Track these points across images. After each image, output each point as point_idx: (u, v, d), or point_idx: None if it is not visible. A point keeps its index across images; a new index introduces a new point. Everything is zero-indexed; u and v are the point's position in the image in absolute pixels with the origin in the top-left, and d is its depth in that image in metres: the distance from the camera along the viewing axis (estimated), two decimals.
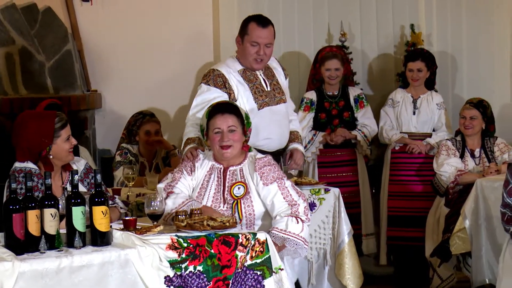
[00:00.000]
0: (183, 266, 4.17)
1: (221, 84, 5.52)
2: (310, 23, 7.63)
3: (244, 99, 5.54)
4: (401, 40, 7.77)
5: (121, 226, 4.33)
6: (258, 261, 4.36)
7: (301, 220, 4.73)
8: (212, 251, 4.23)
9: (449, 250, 6.37)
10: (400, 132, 7.22)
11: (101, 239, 4.10)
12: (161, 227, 4.32)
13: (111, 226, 4.22)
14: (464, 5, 7.81)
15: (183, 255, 4.18)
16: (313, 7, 7.64)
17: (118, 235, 4.21)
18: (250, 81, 5.60)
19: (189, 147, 5.15)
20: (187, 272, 4.18)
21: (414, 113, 7.23)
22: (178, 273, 4.16)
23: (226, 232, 4.30)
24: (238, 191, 4.83)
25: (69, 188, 4.46)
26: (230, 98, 5.48)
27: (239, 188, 4.83)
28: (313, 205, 5.95)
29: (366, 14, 7.73)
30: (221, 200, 4.82)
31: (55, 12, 7.28)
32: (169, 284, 4.14)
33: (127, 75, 7.49)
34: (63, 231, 4.08)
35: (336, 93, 7.18)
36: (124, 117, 7.03)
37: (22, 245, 3.95)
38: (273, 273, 4.37)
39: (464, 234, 6.31)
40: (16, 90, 6.94)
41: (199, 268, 4.21)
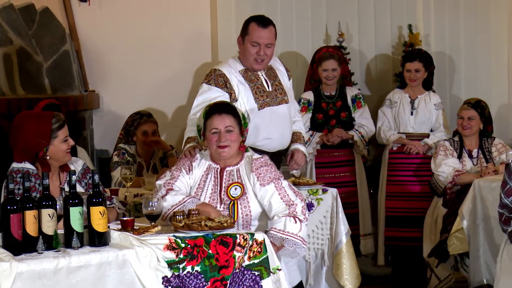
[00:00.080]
0: (181, 267, 4.17)
1: (222, 84, 5.52)
2: (308, 24, 7.64)
3: (245, 99, 5.54)
4: (399, 41, 7.78)
5: (119, 227, 4.33)
6: (256, 262, 4.35)
7: (299, 220, 4.73)
8: (210, 252, 4.23)
9: (447, 251, 6.37)
10: (398, 133, 7.22)
11: (99, 240, 4.10)
12: (159, 228, 4.32)
13: (109, 227, 4.22)
14: (462, 6, 7.82)
15: (181, 256, 4.18)
16: (311, 8, 7.64)
17: (116, 236, 4.20)
18: (251, 81, 5.60)
19: (188, 146, 5.16)
20: (185, 273, 4.18)
21: (412, 114, 7.23)
22: (176, 274, 4.16)
23: (224, 233, 4.30)
24: (235, 192, 4.82)
25: (67, 189, 4.45)
26: (231, 98, 5.48)
27: (236, 189, 4.83)
28: (311, 206, 5.95)
29: (364, 15, 7.74)
30: (218, 201, 4.81)
31: (53, 13, 7.27)
32: (167, 285, 4.14)
33: (125, 76, 7.48)
34: (61, 232, 4.08)
35: (334, 94, 7.18)
36: (122, 118, 7.03)
37: (20, 246, 3.94)
38: (271, 274, 4.37)
39: (462, 235, 6.31)
40: (14, 91, 6.93)
41: (197, 269, 4.20)
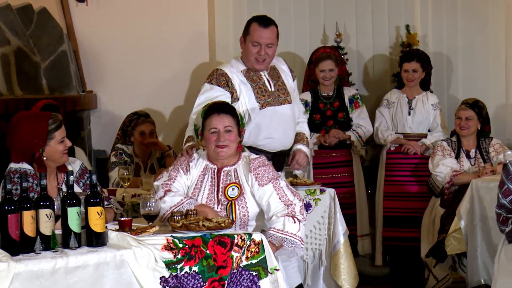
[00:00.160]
0: (179, 267, 4.17)
1: (224, 83, 5.51)
2: (306, 24, 7.63)
3: (246, 99, 5.53)
4: (397, 41, 7.78)
5: (117, 227, 4.33)
6: (254, 262, 4.35)
7: (298, 220, 4.73)
8: (208, 252, 4.23)
9: (445, 251, 6.37)
10: (396, 133, 7.23)
11: (97, 240, 4.10)
12: (157, 228, 4.32)
13: (107, 227, 4.22)
14: (460, 6, 7.82)
15: (179, 256, 4.17)
16: (309, 8, 7.64)
17: (114, 236, 4.20)
18: (253, 81, 5.59)
19: (187, 145, 5.16)
20: (183, 273, 4.18)
21: (410, 114, 7.24)
22: (174, 274, 4.16)
23: (222, 233, 4.30)
24: (233, 192, 4.82)
25: (65, 189, 4.45)
26: (233, 97, 5.49)
27: (233, 189, 4.82)
28: (309, 206, 5.95)
29: (362, 15, 7.73)
30: (215, 201, 4.80)
31: (50, 13, 7.27)
32: (165, 285, 4.14)
33: (123, 76, 7.48)
34: (59, 232, 4.08)
35: (331, 94, 7.18)
36: (120, 118, 7.02)
37: (18, 246, 3.94)
38: (269, 274, 4.37)
39: (460, 235, 6.31)
40: (12, 91, 6.92)
41: (195, 269, 4.20)
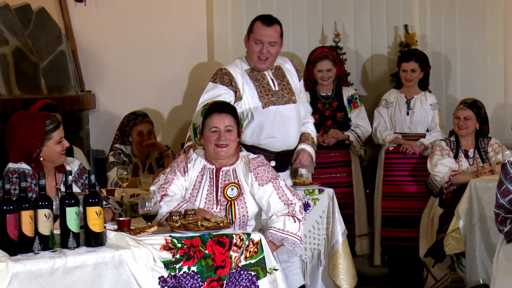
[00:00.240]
0: (177, 267, 4.17)
1: (228, 82, 5.52)
2: (304, 24, 7.63)
3: (249, 98, 5.53)
4: (395, 41, 7.78)
5: (115, 227, 4.33)
6: (252, 262, 4.35)
7: (298, 219, 4.73)
8: (206, 252, 4.23)
9: (443, 251, 6.37)
10: (394, 133, 7.22)
11: (95, 240, 4.10)
12: (155, 228, 4.32)
13: (105, 227, 4.22)
14: (458, 6, 7.82)
15: (177, 256, 4.17)
16: (307, 8, 7.64)
17: (112, 236, 4.20)
18: (257, 80, 5.59)
19: (187, 145, 5.18)
20: (181, 273, 4.18)
21: (408, 114, 7.23)
22: (172, 274, 4.15)
23: (220, 233, 4.29)
24: (232, 192, 4.81)
25: (63, 189, 4.45)
26: (236, 96, 5.49)
27: (233, 189, 4.81)
28: (307, 206, 5.94)
29: (360, 15, 7.73)
30: (214, 202, 4.79)
31: (49, 13, 7.27)
32: (163, 285, 4.14)
33: (121, 76, 7.48)
34: (57, 232, 4.07)
35: (330, 94, 7.17)
36: (118, 118, 7.02)
37: (16, 246, 3.94)
38: (268, 274, 4.37)
39: (458, 235, 6.31)
40: (10, 91, 6.92)
41: (193, 269, 4.20)
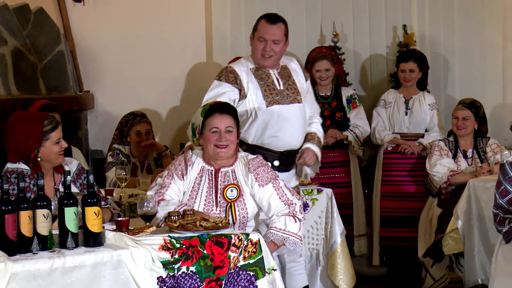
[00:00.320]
0: (176, 267, 4.17)
1: (233, 80, 5.51)
2: (303, 24, 7.63)
3: (254, 96, 5.52)
4: (394, 41, 7.78)
5: (114, 227, 4.32)
6: (251, 262, 4.35)
7: (298, 219, 4.73)
8: (205, 252, 4.22)
9: (442, 251, 6.37)
10: (393, 133, 7.23)
11: (94, 240, 4.09)
12: (154, 228, 4.31)
13: (104, 227, 4.21)
14: (456, 6, 7.82)
15: (176, 256, 4.17)
16: (306, 8, 7.64)
17: (111, 236, 4.20)
18: (262, 79, 5.59)
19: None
20: (180, 273, 4.18)
21: (407, 114, 7.24)
22: (171, 274, 4.15)
23: (219, 233, 4.29)
24: (231, 194, 4.78)
25: (62, 189, 4.45)
26: (241, 94, 5.48)
27: (232, 191, 4.79)
28: (306, 206, 5.94)
29: (359, 15, 7.73)
30: (214, 203, 4.77)
31: (47, 13, 7.26)
32: (162, 285, 4.13)
33: (120, 76, 7.48)
34: (56, 232, 4.07)
35: (329, 94, 7.17)
36: (117, 118, 7.01)
37: (15, 246, 3.93)
38: (266, 274, 4.37)
39: (457, 235, 6.32)
40: (9, 91, 6.92)
41: (192, 269, 4.20)
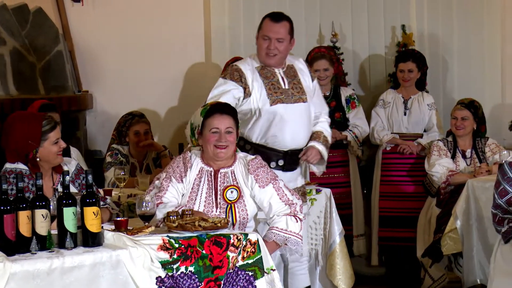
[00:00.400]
0: (175, 267, 4.17)
1: (238, 78, 5.51)
2: (302, 24, 7.62)
3: (258, 95, 5.52)
4: (392, 41, 7.78)
5: (113, 227, 4.33)
6: (250, 262, 4.35)
7: (299, 219, 4.74)
8: (204, 252, 4.22)
9: (441, 251, 6.37)
10: (391, 133, 7.23)
11: (93, 240, 4.09)
12: (153, 228, 4.31)
13: (103, 227, 4.21)
14: (455, 6, 7.83)
15: (175, 256, 4.17)
16: (305, 8, 7.64)
17: (110, 236, 4.20)
18: (267, 78, 5.58)
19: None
20: (179, 273, 4.18)
21: (405, 114, 7.24)
22: (170, 274, 4.15)
23: (218, 233, 4.29)
24: (231, 195, 4.77)
25: (60, 189, 4.45)
26: (245, 93, 5.48)
27: (232, 192, 4.77)
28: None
29: (358, 15, 7.74)
30: (214, 205, 4.76)
31: (46, 13, 7.26)
32: (161, 285, 4.13)
33: (118, 76, 7.48)
34: (54, 232, 4.07)
35: (328, 94, 7.17)
36: (115, 118, 7.01)
37: (13, 246, 3.93)
38: (265, 274, 4.37)
39: (456, 235, 6.32)
40: (7, 91, 6.92)
41: (191, 269, 4.20)
